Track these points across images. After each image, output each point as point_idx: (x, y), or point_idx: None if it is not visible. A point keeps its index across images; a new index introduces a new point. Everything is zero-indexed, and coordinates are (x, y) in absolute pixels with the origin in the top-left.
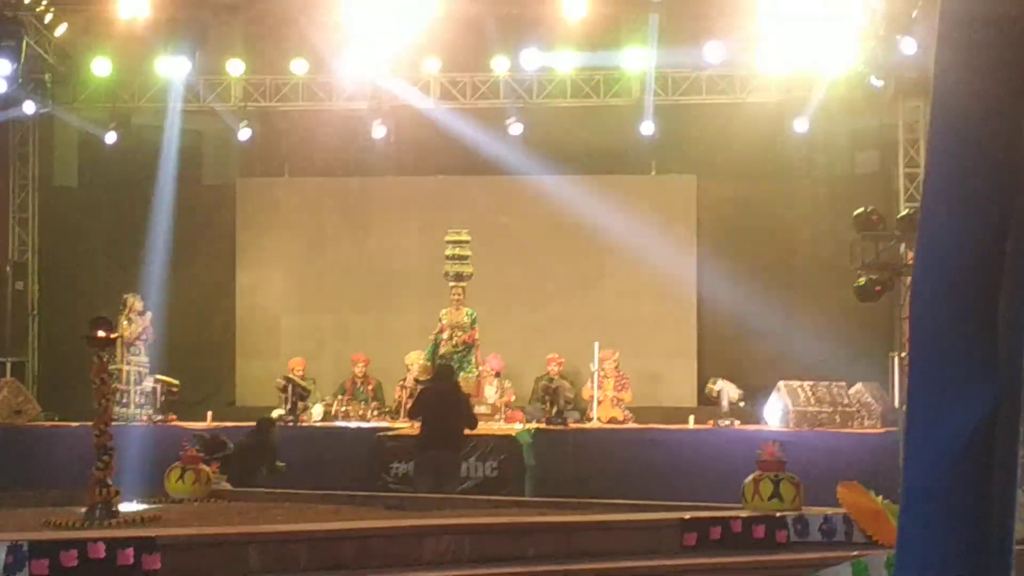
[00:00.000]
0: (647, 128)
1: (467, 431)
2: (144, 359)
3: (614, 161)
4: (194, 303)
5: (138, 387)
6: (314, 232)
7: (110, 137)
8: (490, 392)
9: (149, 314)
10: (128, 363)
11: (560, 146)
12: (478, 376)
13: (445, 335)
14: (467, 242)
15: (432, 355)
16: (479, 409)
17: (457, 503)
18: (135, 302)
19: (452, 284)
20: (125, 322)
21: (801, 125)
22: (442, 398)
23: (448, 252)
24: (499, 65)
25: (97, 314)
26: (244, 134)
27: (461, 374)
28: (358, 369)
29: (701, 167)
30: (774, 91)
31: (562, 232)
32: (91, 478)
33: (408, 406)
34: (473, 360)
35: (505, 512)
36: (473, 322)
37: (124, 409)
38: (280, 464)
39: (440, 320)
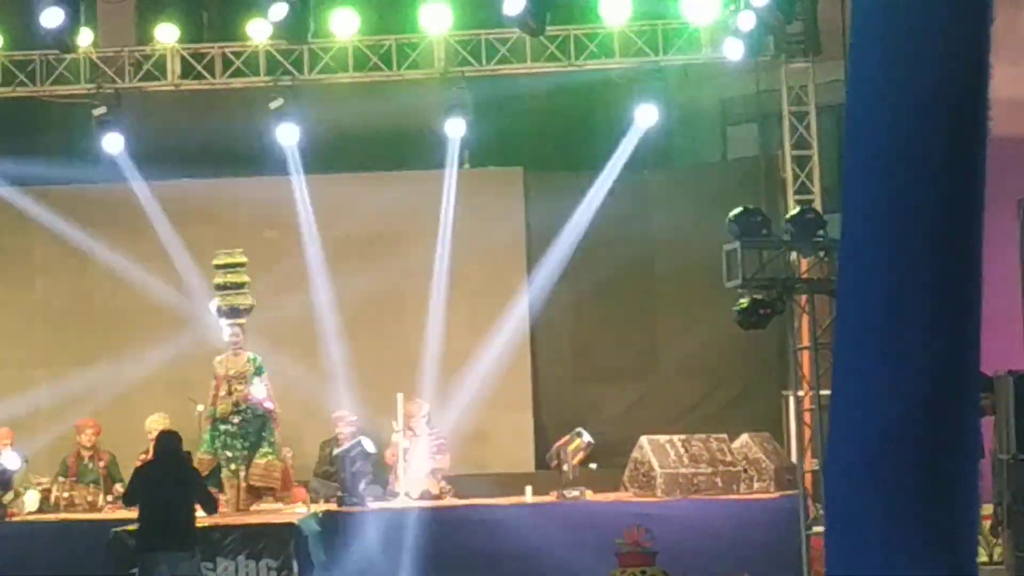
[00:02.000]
0: (454, 127)
1: (201, 519)
2: None
3: (416, 153)
4: None
5: None
6: (17, 258)
7: None
8: None
9: None
10: None
11: (343, 135)
12: (284, 459)
13: (223, 391)
14: (243, 265)
15: (213, 422)
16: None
17: None
18: None
19: (228, 322)
20: None
21: (646, 115)
22: (165, 477)
23: (219, 280)
24: (258, 31)
25: None
26: None
27: (261, 453)
28: (85, 438)
29: (528, 158)
30: (620, 54)
31: (348, 247)
32: None
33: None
34: (271, 430)
35: None
36: (258, 370)
37: None
38: None
39: (215, 372)
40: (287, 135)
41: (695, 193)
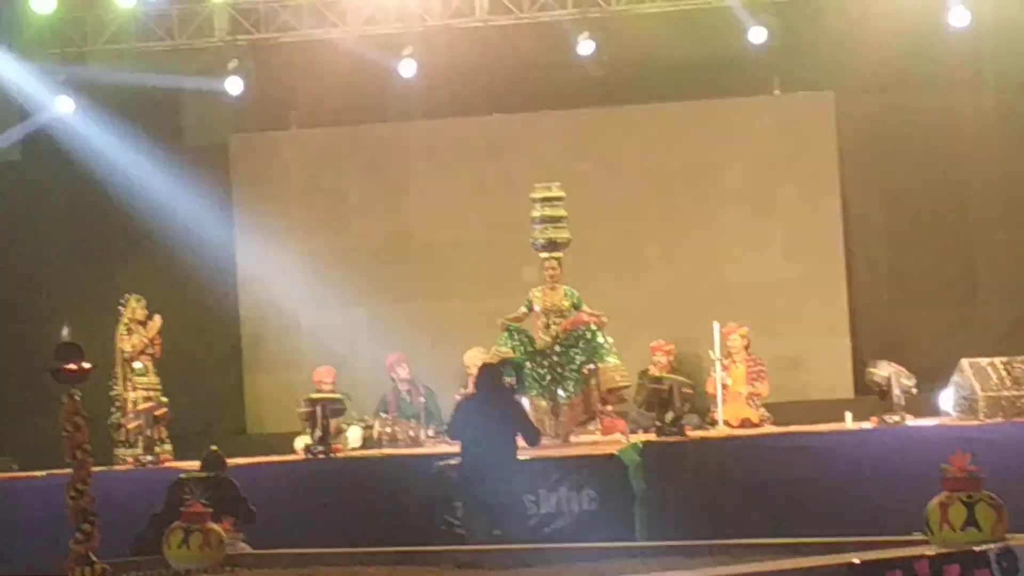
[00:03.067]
0: (757, 35)
1: (526, 451)
2: (154, 379)
3: (723, 80)
4: (183, 302)
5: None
6: (334, 199)
7: (64, 104)
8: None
9: (158, 319)
10: (133, 388)
11: (650, 66)
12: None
13: (540, 323)
14: (560, 199)
15: (526, 352)
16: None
17: (551, 555)
18: (136, 306)
19: (545, 256)
20: (124, 332)
21: (958, 17)
22: (486, 410)
23: (536, 213)
24: None
25: (62, 329)
26: (233, 85)
27: (601, 357)
28: (402, 371)
29: (839, 80)
30: None
31: (660, 178)
32: (70, 554)
33: None
34: (603, 340)
35: (615, 563)
36: (575, 304)
37: (131, 450)
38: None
39: (531, 304)
40: (589, 64)
41: (1011, 109)
